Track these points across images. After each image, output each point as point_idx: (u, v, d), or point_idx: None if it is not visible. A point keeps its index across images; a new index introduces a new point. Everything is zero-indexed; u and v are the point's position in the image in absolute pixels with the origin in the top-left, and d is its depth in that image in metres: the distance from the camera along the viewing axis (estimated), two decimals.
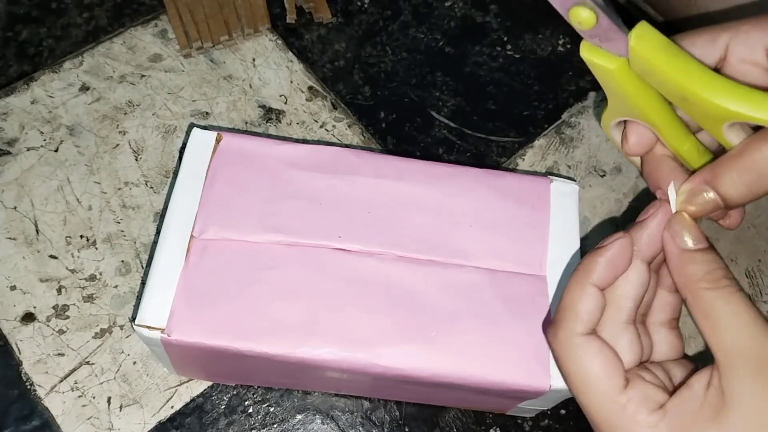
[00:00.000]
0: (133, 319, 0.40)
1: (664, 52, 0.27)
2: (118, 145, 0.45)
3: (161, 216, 0.43)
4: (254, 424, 0.39)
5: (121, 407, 0.38)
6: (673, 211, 0.28)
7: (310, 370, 0.33)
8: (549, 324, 0.29)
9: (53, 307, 0.40)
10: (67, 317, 0.40)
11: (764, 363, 0.24)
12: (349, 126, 0.48)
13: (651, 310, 0.30)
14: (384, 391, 0.38)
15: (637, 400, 0.26)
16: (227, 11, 0.50)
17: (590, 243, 0.44)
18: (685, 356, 0.30)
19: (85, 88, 0.47)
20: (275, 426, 0.39)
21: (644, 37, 0.26)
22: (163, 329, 0.31)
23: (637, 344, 0.28)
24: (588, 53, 0.28)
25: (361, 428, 0.39)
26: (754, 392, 0.24)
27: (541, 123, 0.49)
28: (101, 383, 0.39)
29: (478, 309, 0.33)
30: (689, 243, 0.27)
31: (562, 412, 0.41)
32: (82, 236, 0.42)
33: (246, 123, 0.47)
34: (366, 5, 0.53)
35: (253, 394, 0.40)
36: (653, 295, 0.30)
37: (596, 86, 0.51)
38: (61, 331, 0.40)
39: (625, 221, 0.46)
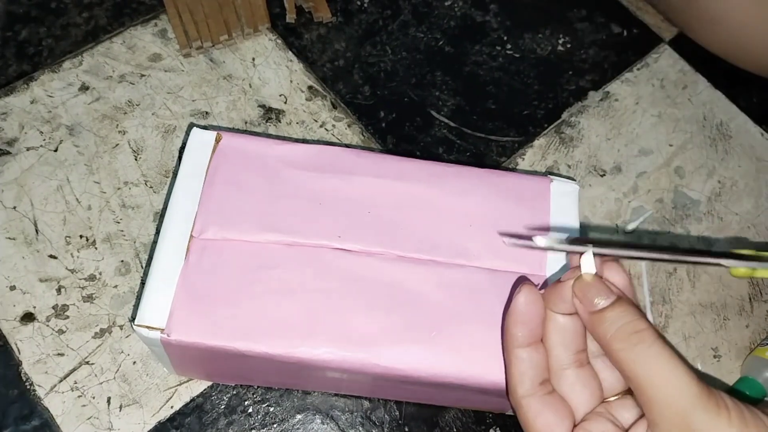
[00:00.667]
0: (132, 319, 0.40)
1: None
2: (117, 144, 0.45)
3: (161, 216, 0.43)
4: (254, 424, 0.39)
5: (120, 407, 0.38)
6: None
7: (310, 370, 0.33)
8: None
9: (53, 307, 0.40)
10: (67, 317, 0.40)
11: (683, 419, 0.24)
12: (348, 126, 0.48)
13: (588, 344, 0.30)
14: (384, 391, 0.38)
15: None
16: (227, 11, 0.49)
17: None
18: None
19: (84, 88, 0.47)
20: (275, 426, 0.39)
21: None
22: (163, 329, 0.31)
23: (581, 385, 0.28)
24: None
25: (361, 428, 0.39)
26: None
27: (541, 122, 0.49)
28: (101, 383, 0.39)
29: (479, 309, 0.33)
30: (597, 303, 0.27)
31: None
32: (81, 236, 0.42)
33: (246, 123, 0.47)
34: (366, 5, 0.53)
35: (253, 394, 0.39)
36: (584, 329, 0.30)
37: (596, 86, 0.51)
38: (61, 331, 0.40)
39: (625, 221, 0.46)
